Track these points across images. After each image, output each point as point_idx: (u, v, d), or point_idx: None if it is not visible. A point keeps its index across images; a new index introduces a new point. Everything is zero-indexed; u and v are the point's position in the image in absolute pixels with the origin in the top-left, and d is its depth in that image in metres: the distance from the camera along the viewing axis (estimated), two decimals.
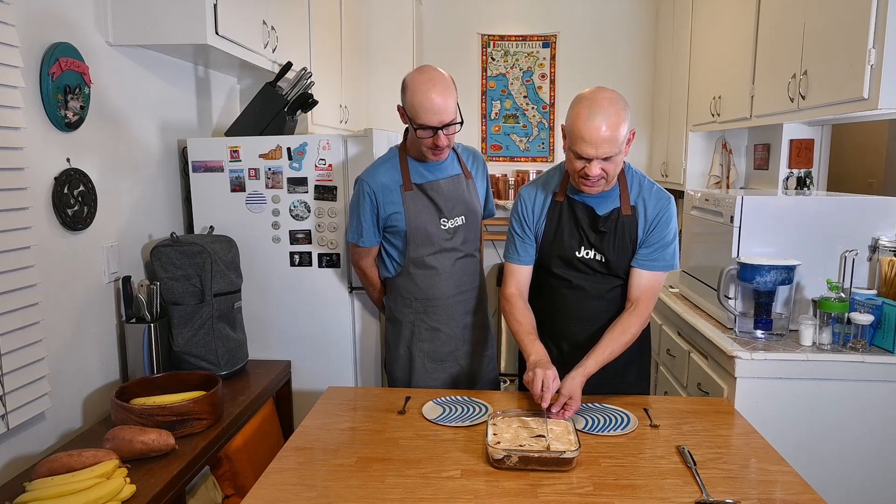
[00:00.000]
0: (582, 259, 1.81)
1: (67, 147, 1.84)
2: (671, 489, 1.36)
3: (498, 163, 4.74)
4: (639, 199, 1.79)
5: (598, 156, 1.62)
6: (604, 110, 1.59)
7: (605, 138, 1.59)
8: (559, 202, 1.82)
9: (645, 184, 1.81)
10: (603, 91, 1.63)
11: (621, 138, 1.62)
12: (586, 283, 1.84)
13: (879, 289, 2.07)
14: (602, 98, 1.60)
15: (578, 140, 1.62)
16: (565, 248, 1.82)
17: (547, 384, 1.60)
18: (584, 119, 1.60)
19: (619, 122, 1.60)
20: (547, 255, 1.85)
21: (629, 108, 1.65)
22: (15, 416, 1.60)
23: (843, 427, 1.98)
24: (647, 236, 1.79)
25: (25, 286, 1.63)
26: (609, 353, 1.72)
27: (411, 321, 2.08)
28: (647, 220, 1.78)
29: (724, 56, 3.23)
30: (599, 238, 1.79)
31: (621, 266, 1.81)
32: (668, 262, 1.80)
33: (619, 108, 1.60)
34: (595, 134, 1.59)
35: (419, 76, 1.84)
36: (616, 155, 1.64)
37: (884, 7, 1.93)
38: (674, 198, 1.82)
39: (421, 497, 1.34)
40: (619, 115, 1.60)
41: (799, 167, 3.11)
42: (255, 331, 2.45)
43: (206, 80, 2.70)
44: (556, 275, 1.86)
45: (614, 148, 1.61)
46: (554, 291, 1.88)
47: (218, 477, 1.94)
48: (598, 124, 1.58)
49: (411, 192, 1.97)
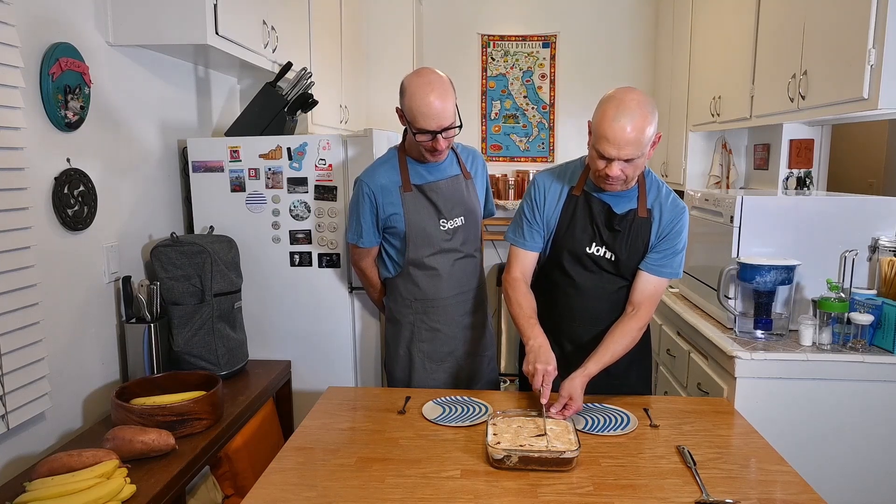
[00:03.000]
0: (592, 255, 1.81)
1: (67, 147, 1.84)
2: (671, 489, 1.36)
3: (498, 163, 4.74)
4: (655, 203, 1.80)
5: (620, 157, 1.61)
6: (631, 112, 1.57)
7: (628, 140, 1.58)
8: (575, 196, 1.81)
9: (663, 191, 1.82)
10: (633, 92, 1.61)
11: (645, 141, 1.60)
12: (592, 281, 1.84)
13: (879, 289, 2.07)
14: (630, 99, 1.59)
15: (602, 139, 1.61)
16: (577, 242, 1.81)
17: (548, 380, 1.62)
18: (610, 119, 1.59)
19: (644, 126, 1.58)
20: (557, 248, 1.85)
21: (657, 111, 1.63)
22: (15, 416, 1.60)
23: (843, 427, 1.98)
24: (659, 242, 1.79)
25: (25, 286, 1.63)
26: (610, 355, 1.72)
27: (411, 322, 2.08)
28: (661, 225, 1.79)
29: (724, 56, 3.23)
30: (613, 236, 1.79)
31: (630, 266, 1.81)
32: (674, 270, 1.80)
33: (647, 111, 1.59)
34: (619, 135, 1.58)
35: (417, 80, 1.84)
36: (638, 158, 1.62)
37: (884, 7, 1.93)
38: (688, 209, 1.82)
39: (421, 497, 1.34)
40: (646, 118, 1.58)
41: (799, 167, 3.11)
42: (255, 331, 2.45)
43: (206, 80, 2.70)
44: (564, 271, 1.85)
45: (637, 150, 1.60)
46: (560, 290, 1.88)
47: (218, 477, 1.94)
48: (624, 125, 1.57)
49: (410, 194, 1.97)
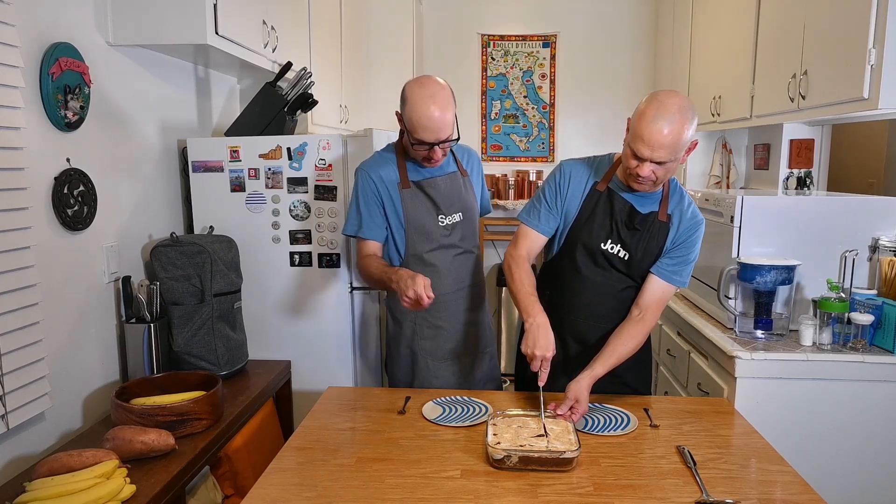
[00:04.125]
0: (605, 252, 1.81)
1: (67, 147, 1.84)
2: (671, 489, 1.36)
3: (498, 163, 4.74)
4: (676, 210, 1.80)
5: (653, 158, 1.60)
6: (670, 115, 1.57)
7: (663, 143, 1.58)
8: (599, 192, 1.81)
9: (686, 199, 1.82)
10: (676, 97, 1.61)
11: (681, 146, 1.60)
12: (601, 278, 1.84)
13: (879, 289, 2.07)
14: (672, 103, 1.58)
15: (638, 139, 1.61)
16: (593, 237, 1.81)
17: (546, 365, 1.63)
18: (649, 119, 1.58)
19: (681, 131, 1.58)
20: (572, 240, 1.84)
21: (696, 117, 1.63)
22: (15, 416, 1.60)
23: (844, 427, 1.98)
24: (673, 248, 1.80)
25: (25, 286, 1.63)
26: (616, 358, 1.73)
27: (412, 319, 2.08)
28: (678, 233, 1.79)
29: (724, 56, 3.23)
30: (630, 235, 1.79)
31: (641, 267, 1.81)
32: (683, 280, 1.82)
33: (686, 117, 1.58)
34: (655, 137, 1.58)
35: (420, 91, 1.82)
36: (671, 161, 1.62)
37: (884, 7, 1.93)
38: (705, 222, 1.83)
39: (421, 497, 1.34)
40: (684, 124, 1.58)
41: (799, 167, 3.11)
42: (255, 331, 2.45)
43: (206, 80, 2.70)
44: (574, 265, 1.85)
45: (671, 154, 1.60)
46: (567, 283, 1.88)
47: (218, 477, 1.94)
48: (661, 128, 1.57)
49: (409, 190, 1.97)
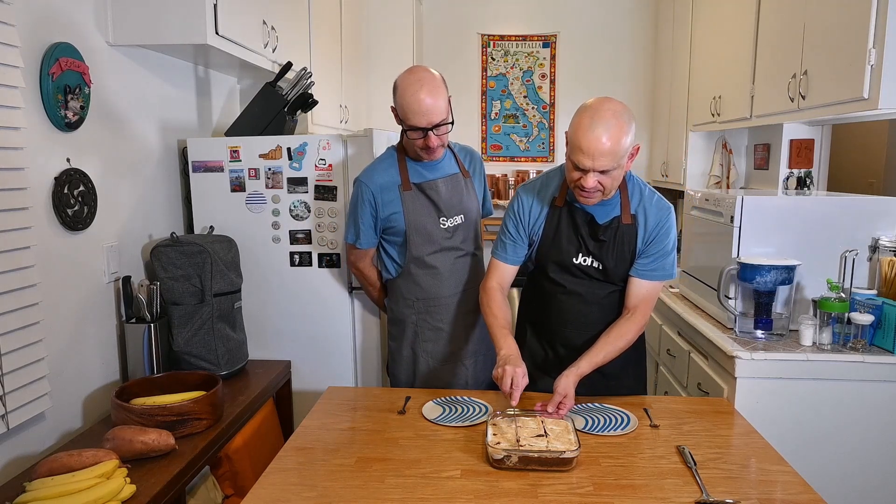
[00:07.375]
0: (579, 266, 1.79)
1: (67, 147, 1.84)
2: (671, 489, 1.36)
3: (498, 163, 4.74)
4: (639, 208, 1.76)
5: (595, 168, 1.57)
6: (606, 122, 1.53)
7: (603, 151, 1.54)
8: (558, 207, 1.79)
9: (646, 193, 1.78)
10: (608, 102, 1.58)
11: (622, 153, 1.57)
12: (582, 288, 1.82)
13: (879, 289, 2.07)
14: (606, 110, 1.55)
15: (577, 150, 1.57)
16: (563, 254, 1.79)
17: (517, 382, 1.59)
18: (585, 129, 1.55)
19: (620, 136, 1.54)
20: (544, 259, 1.83)
21: (634, 121, 1.59)
22: (15, 416, 1.60)
23: (844, 427, 1.98)
24: (647, 247, 1.76)
25: (25, 286, 1.63)
26: (603, 356, 1.70)
27: (414, 321, 2.08)
28: (648, 229, 1.76)
29: (724, 56, 3.23)
30: (598, 246, 1.76)
31: (619, 274, 1.79)
32: (668, 272, 1.78)
33: (623, 122, 1.55)
34: (594, 146, 1.54)
35: (408, 77, 1.84)
36: (614, 169, 1.59)
37: (884, 7, 1.93)
38: (673, 207, 1.80)
39: (421, 497, 1.34)
40: (622, 129, 1.55)
41: (799, 167, 3.11)
42: (255, 331, 2.45)
43: (206, 80, 2.70)
44: (553, 280, 1.84)
45: (613, 162, 1.56)
46: (550, 296, 1.87)
47: (218, 477, 1.94)
48: (599, 136, 1.53)
49: (410, 192, 1.97)
